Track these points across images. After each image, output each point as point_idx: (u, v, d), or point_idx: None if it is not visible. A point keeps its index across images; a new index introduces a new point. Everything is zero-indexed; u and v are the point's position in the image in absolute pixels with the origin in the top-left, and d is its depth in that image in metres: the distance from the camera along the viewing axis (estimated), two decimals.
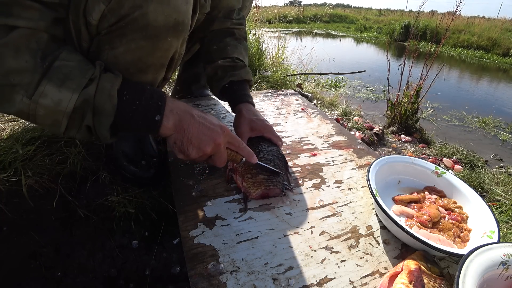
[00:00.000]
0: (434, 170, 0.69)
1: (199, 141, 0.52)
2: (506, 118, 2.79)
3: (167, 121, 0.49)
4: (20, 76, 0.40)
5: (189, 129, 0.51)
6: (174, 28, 0.51)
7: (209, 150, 0.53)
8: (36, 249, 0.61)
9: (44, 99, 0.42)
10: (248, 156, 0.59)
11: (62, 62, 0.43)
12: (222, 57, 0.78)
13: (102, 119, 0.46)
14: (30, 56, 0.41)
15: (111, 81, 0.46)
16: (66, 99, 0.43)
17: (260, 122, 0.72)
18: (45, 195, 0.67)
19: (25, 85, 0.41)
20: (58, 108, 0.43)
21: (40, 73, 0.41)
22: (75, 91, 0.43)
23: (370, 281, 0.47)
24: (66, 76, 0.43)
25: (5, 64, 0.39)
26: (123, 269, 0.62)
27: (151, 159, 0.77)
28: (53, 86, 0.42)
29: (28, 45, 0.41)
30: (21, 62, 0.40)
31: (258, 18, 2.35)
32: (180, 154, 0.53)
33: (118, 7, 0.45)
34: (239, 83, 0.78)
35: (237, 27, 0.84)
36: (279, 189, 0.61)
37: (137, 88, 0.49)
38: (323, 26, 11.58)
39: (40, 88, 0.41)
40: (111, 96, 0.45)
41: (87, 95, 0.44)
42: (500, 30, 8.41)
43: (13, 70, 0.40)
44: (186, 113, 0.52)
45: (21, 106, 0.42)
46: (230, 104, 0.80)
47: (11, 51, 0.40)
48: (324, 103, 1.81)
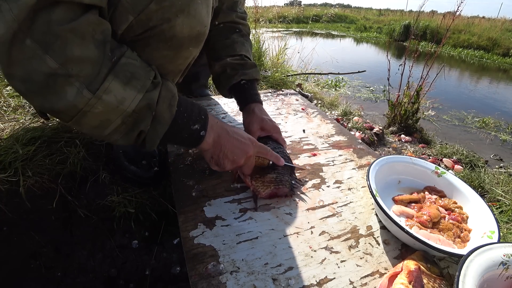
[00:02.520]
0: (434, 170, 0.69)
1: (233, 155, 0.56)
2: (507, 118, 2.79)
3: (208, 137, 0.52)
4: (81, 66, 0.37)
5: (226, 145, 0.55)
6: (196, 38, 0.52)
7: (242, 162, 0.58)
8: (36, 249, 0.61)
9: (108, 95, 0.39)
10: (276, 160, 0.63)
11: (129, 59, 0.41)
12: (230, 55, 0.78)
13: (158, 126, 0.45)
14: (95, 47, 0.37)
15: (173, 90, 0.47)
16: (130, 98, 0.41)
17: (271, 122, 0.74)
18: (45, 195, 0.67)
19: (85, 77, 0.37)
20: (119, 106, 0.40)
21: (108, 66, 0.39)
22: (140, 91, 0.41)
23: (370, 281, 0.47)
24: (132, 75, 0.41)
25: (67, 51, 0.35)
26: (123, 269, 0.62)
27: (151, 159, 0.77)
28: (119, 83, 0.39)
29: (94, 35, 0.37)
30: (86, 51, 0.37)
31: (258, 18, 2.35)
32: (215, 166, 0.57)
33: (147, 20, 0.44)
34: (250, 82, 0.78)
35: (242, 22, 0.84)
36: (287, 188, 0.62)
37: (188, 101, 0.51)
38: (323, 26, 11.57)
39: (105, 83, 0.38)
40: (171, 105, 0.46)
41: (151, 99, 0.42)
42: (500, 30, 8.41)
43: (75, 58, 0.36)
44: (223, 129, 0.56)
45: (78, 100, 0.37)
46: (239, 102, 0.80)
47: (77, 38, 0.36)
48: (324, 103, 1.81)
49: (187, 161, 0.72)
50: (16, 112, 0.87)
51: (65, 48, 0.35)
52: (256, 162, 0.62)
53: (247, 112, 0.76)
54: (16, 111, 0.88)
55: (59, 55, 0.35)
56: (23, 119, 0.84)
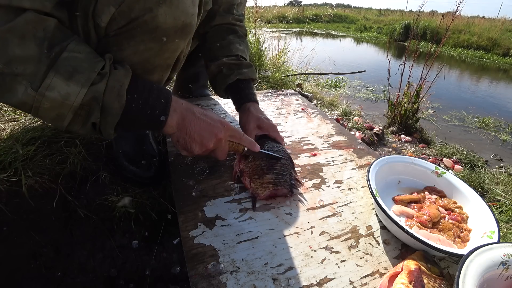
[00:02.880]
0: (434, 170, 0.69)
1: (201, 137, 0.54)
2: (507, 118, 2.79)
3: (171, 120, 0.50)
4: (24, 65, 0.38)
5: (191, 127, 0.53)
6: (182, 30, 0.51)
7: (211, 145, 0.55)
8: (36, 249, 0.61)
9: (51, 92, 0.40)
10: (250, 146, 0.62)
11: (71, 53, 0.41)
12: (226, 55, 0.78)
13: (109, 117, 0.45)
14: (35, 45, 0.38)
15: (121, 79, 0.45)
16: (74, 94, 0.41)
17: (267, 121, 0.74)
18: (45, 195, 0.67)
19: (29, 75, 0.38)
20: (65, 102, 0.41)
21: (47, 64, 0.39)
22: (84, 85, 0.41)
23: (370, 281, 0.47)
24: (74, 69, 0.41)
25: (8, 51, 0.37)
26: (123, 269, 0.62)
27: (151, 159, 0.77)
28: (61, 78, 0.40)
29: (35, 33, 0.38)
30: (26, 50, 0.38)
31: (258, 18, 2.35)
32: (183, 151, 0.55)
33: (128, 10, 0.44)
34: (246, 81, 0.78)
35: (238, 23, 0.84)
36: (286, 189, 0.62)
37: (145, 87, 0.49)
38: (323, 26, 11.57)
39: (47, 80, 0.39)
40: (120, 95, 0.45)
41: (96, 92, 0.42)
42: (500, 30, 8.41)
43: (17, 58, 0.37)
44: (188, 111, 0.53)
45: (25, 97, 0.39)
46: (235, 102, 0.80)
47: (16, 38, 0.37)
48: (324, 103, 1.81)
49: (187, 161, 0.72)
50: (16, 112, 0.87)
51: (6, 49, 0.37)
52: (230, 148, 0.61)
53: (243, 111, 0.76)
54: (16, 111, 0.88)
55: (1, 55, 0.37)
56: (23, 119, 0.84)
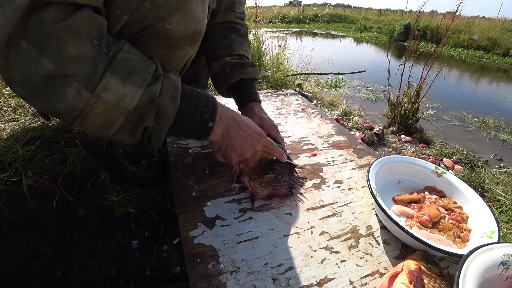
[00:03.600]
0: (434, 170, 0.69)
1: (242, 148, 0.55)
2: (506, 118, 2.79)
3: (217, 128, 0.51)
4: (78, 65, 0.36)
5: (235, 138, 0.54)
6: (192, 37, 0.52)
7: (249, 156, 0.57)
8: (36, 249, 0.61)
9: (107, 93, 0.37)
10: (280, 156, 0.64)
11: (126, 54, 0.40)
12: (229, 54, 0.78)
13: (162, 121, 0.44)
14: (91, 44, 0.36)
15: (175, 81, 0.45)
16: (130, 95, 0.39)
17: (269, 121, 0.74)
18: (45, 195, 0.67)
19: (83, 76, 0.36)
20: (120, 104, 0.39)
21: (105, 63, 0.37)
22: (140, 86, 0.40)
23: (370, 281, 0.47)
24: (131, 70, 0.39)
25: (63, 50, 0.34)
26: (123, 269, 0.62)
27: (151, 159, 0.77)
28: (118, 79, 0.38)
29: (89, 32, 0.36)
30: (81, 49, 0.35)
31: (258, 18, 2.35)
32: (221, 158, 0.56)
33: (141, 18, 0.43)
34: (249, 81, 0.78)
35: (240, 22, 0.84)
36: (286, 189, 0.62)
37: (193, 91, 0.49)
38: (323, 26, 11.57)
39: (103, 81, 0.37)
40: (174, 97, 0.44)
41: (153, 93, 0.41)
42: (500, 30, 8.41)
43: (71, 58, 0.35)
44: (233, 120, 0.54)
45: (77, 101, 0.36)
46: (238, 101, 0.80)
47: (71, 36, 0.35)
48: (324, 103, 1.81)
49: (187, 161, 0.72)
50: (16, 112, 0.87)
51: (60, 48, 0.34)
52: (261, 156, 0.62)
53: (246, 111, 0.76)
54: (16, 111, 0.88)
55: (54, 55, 0.34)
56: (23, 119, 0.84)
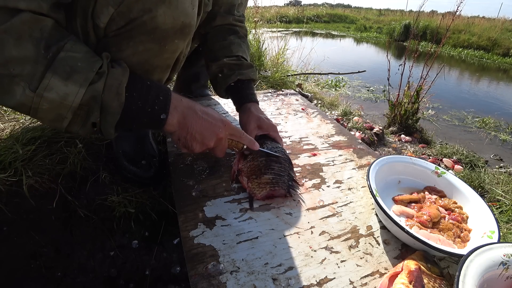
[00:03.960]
0: (434, 170, 0.69)
1: (202, 136, 0.54)
2: (506, 118, 2.79)
3: (172, 119, 0.50)
4: (21, 66, 0.37)
5: (193, 126, 0.53)
6: (181, 30, 0.51)
7: (212, 144, 0.56)
8: (36, 249, 0.61)
9: (49, 93, 0.39)
10: (249, 144, 0.62)
11: (68, 53, 0.41)
12: (227, 55, 0.78)
13: (108, 117, 0.45)
14: (32, 45, 0.38)
15: (119, 77, 0.45)
16: (73, 94, 0.40)
17: (268, 121, 0.74)
18: (45, 195, 0.67)
19: (27, 76, 0.38)
20: (64, 102, 0.40)
21: (44, 64, 0.39)
22: (82, 85, 0.41)
23: (370, 281, 0.47)
24: (72, 69, 0.40)
25: (5, 53, 0.36)
26: (123, 269, 0.62)
27: (151, 158, 0.77)
28: (59, 79, 0.39)
29: (31, 33, 0.38)
30: (22, 51, 0.37)
31: (258, 18, 2.35)
32: (183, 149, 0.56)
33: (128, 11, 0.44)
34: (247, 82, 0.78)
35: (239, 24, 0.84)
36: (284, 190, 0.62)
37: (143, 85, 0.49)
38: (323, 26, 11.58)
39: (44, 81, 0.39)
40: (119, 94, 0.44)
41: (95, 91, 0.42)
42: (500, 30, 8.40)
43: (14, 59, 0.37)
44: (190, 109, 0.53)
45: (23, 98, 0.39)
46: (235, 102, 0.80)
47: (12, 39, 0.36)
48: (324, 103, 1.81)
49: (187, 161, 0.72)
50: (16, 112, 0.87)
51: (3, 50, 0.36)
52: (230, 146, 0.61)
53: (243, 111, 0.76)
54: (16, 111, 0.88)
55: None
56: (23, 119, 0.84)
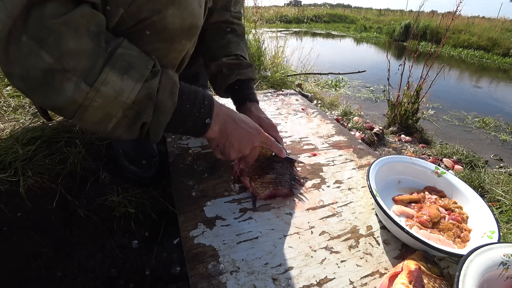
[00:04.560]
0: (434, 170, 0.69)
1: (240, 145, 0.55)
2: (506, 118, 2.79)
3: (214, 125, 0.51)
4: (76, 60, 0.36)
5: (232, 134, 0.54)
6: (189, 31, 0.52)
7: (247, 152, 0.57)
8: (36, 249, 0.61)
9: (106, 87, 0.38)
10: (279, 152, 0.64)
11: (125, 50, 0.41)
12: (226, 55, 0.78)
13: (161, 116, 0.44)
14: (90, 39, 0.37)
15: (173, 77, 0.45)
16: (129, 89, 0.40)
17: (268, 120, 0.74)
18: (45, 195, 0.67)
19: (82, 70, 0.37)
20: (118, 98, 0.39)
21: (104, 58, 0.38)
22: (138, 81, 0.40)
23: (370, 281, 0.47)
24: (129, 65, 0.40)
25: (62, 45, 0.35)
26: (123, 269, 0.62)
27: (151, 158, 0.77)
28: (116, 74, 0.39)
29: (88, 27, 0.37)
30: (80, 44, 0.36)
31: (258, 18, 2.35)
32: (220, 155, 0.57)
33: (137, 11, 0.44)
34: (246, 81, 0.78)
35: (236, 21, 0.84)
36: (287, 189, 0.62)
37: (191, 89, 0.50)
38: (323, 26, 11.58)
39: (102, 75, 0.38)
40: (172, 93, 0.44)
41: (150, 88, 0.42)
42: (500, 30, 8.41)
43: (70, 52, 0.36)
44: (229, 117, 0.55)
45: (75, 94, 0.37)
46: (235, 102, 0.80)
47: (71, 31, 0.35)
48: (324, 103, 1.81)
49: (187, 161, 0.72)
50: (16, 112, 0.87)
51: (60, 42, 0.35)
52: (260, 153, 0.62)
53: (243, 111, 0.76)
54: (16, 111, 0.88)
55: (54, 49, 0.35)
56: (23, 119, 0.84)
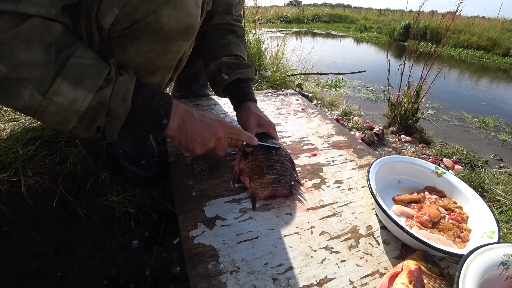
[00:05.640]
0: (434, 170, 0.69)
1: (202, 138, 0.56)
2: (506, 118, 2.79)
3: (172, 124, 0.52)
4: (30, 70, 0.38)
5: (192, 129, 0.55)
6: (185, 31, 0.52)
7: (212, 144, 0.58)
8: (36, 249, 0.61)
9: (58, 97, 0.40)
10: (249, 140, 0.64)
11: (78, 59, 0.42)
12: (226, 55, 0.79)
13: (114, 121, 0.46)
14: (42, 50, 0.39)
15: (127, 85, 0.46)
16: (81, 99, 0.42)
17: (267, 118, 0.75)
18: (45, 195, 0.67)
19: (35, 80, 0.39)
20: (71, 107, 0.42)
21: (54, 69, 0.40)
22: (91, 91, 0.42)
23: (370, 281, 0.47)
24: (82, 75, 0.42)
25: (14, 56, 0.37)
26: (123, 269, 0.62)
27: (151, 158, 0.77)
28: (69, 84, 0.41)
29: (41, 38, 0.39)
30: (32, 55, 0.38)
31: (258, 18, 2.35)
32: (186, 152, 0.58)
33: (133, 12, 0.45)
34: (245, 81, 0.79)
35: (237, 24, 0.85)
36: (286, 190, 0.62)
37: (148, 92, 0.50)
38: (323, 26, 11.58)
39: (54, 86, 0.40)
40: (125, 100, 0.46)
41: (103, 97, 0.43)
42: (500, 30, 8.41)
43: (23, 63, 0.38)
44: (187, 113, 0.55)
45: (31, 101, 0.40)
46: (234, 101, 0.81)
47: (22, 43, 0.37)
48: (324, 103, 1.81)
49: (187, 161, 0.72)
50: (16, 112, 0.87)
51: (13, 54, 0.37)
52: (229, 144, 0.62)
53: (242, 110, 0.76)
54: (16, 112, 0.88)
55: (8, 60, 0.37)
56: (23, 119, 0.84)
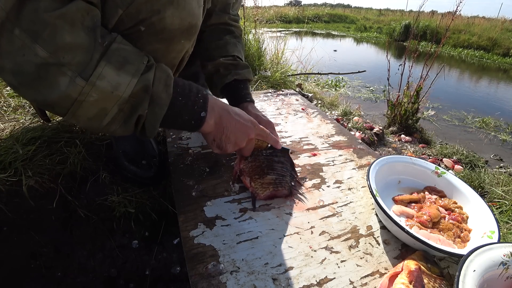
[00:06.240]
0: (434, 170, 0.69)
1: (236, 137, 0.55)
2: (506, 118, 2.79)
3: (210, 118, 0.51)
4: (72, 54, 0.36)
5: (228, 127, 0.54)
6: (188, 31, 0.52)
7: (244, 145, 0.58)
8: (36, 249, 0.61)
9: (102, 81, 0.38)
10: (274, 143, 0.66)
11: (120, 45, 0.41)
12: (223, 55, 0.79)
13: (157, 109, 0.44)
14: (85, 33, 0.37)
15: (167, 70, 0.45)
16: (125, 83, 0.39)
17: (265, 118, 0.75)
18: (45, 195, 0.67)
19: (78, 64, 0.36)
20: (114, 92, 0.39)
21: (100, 51, 0.38)
22: (135, 75, 0.40)
23: (370, 281, 0.47)
24: (125, 59, 0.40)
25: (57, 39, 0.34)
26: (123, 269, 0.62)
27: (151, 158, 0.77)
28: (112, 68, 0.38)
29: (83, 22, 0.36)
30: (76, 38, 0.35)
31: (258, 18, 2.35)
32: (216, 149, 0.57)
33: (136, 12, 0.44)
34: (243, 82, 0.79)
35: (234, 24, 0.85)
36: (286, 190, 0.62)
37: (185, 83, 0.50)
38: (323, 26, 11.58)
39: (98, 69, 0.37)
40: (167, 85, 0.44)
41: (147, 81, 0.42)
42: (500, 30, 8.41)
43: (66, 46, 0.35)
44: (224, 110, 0.54)
45: (70, 89, 0.36)
46: (231, 101, 0.80)
47: (66, 24, 0.35)
48: (324, 103, 1.81)
49: (187, 161, 0.72)
50: (16, 112, 0.87)
51: (55, 36, 0.34)
52: (255, 145, 0.63)
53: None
54: (16, 111, 0.88)
55: (49, 43, 0.34)
56: (23, 119, 0.84)
